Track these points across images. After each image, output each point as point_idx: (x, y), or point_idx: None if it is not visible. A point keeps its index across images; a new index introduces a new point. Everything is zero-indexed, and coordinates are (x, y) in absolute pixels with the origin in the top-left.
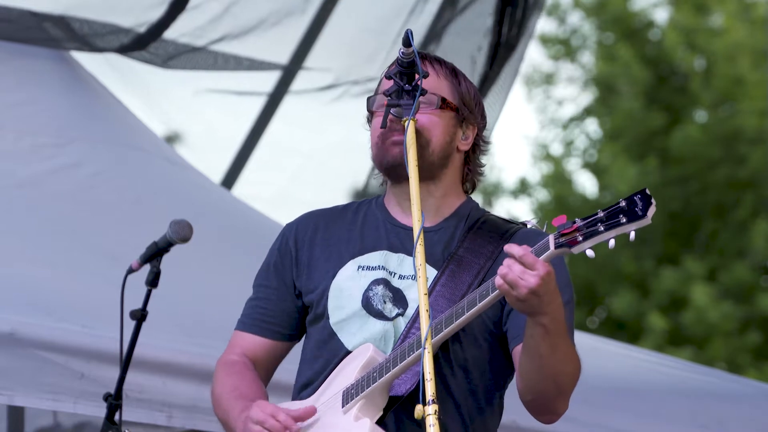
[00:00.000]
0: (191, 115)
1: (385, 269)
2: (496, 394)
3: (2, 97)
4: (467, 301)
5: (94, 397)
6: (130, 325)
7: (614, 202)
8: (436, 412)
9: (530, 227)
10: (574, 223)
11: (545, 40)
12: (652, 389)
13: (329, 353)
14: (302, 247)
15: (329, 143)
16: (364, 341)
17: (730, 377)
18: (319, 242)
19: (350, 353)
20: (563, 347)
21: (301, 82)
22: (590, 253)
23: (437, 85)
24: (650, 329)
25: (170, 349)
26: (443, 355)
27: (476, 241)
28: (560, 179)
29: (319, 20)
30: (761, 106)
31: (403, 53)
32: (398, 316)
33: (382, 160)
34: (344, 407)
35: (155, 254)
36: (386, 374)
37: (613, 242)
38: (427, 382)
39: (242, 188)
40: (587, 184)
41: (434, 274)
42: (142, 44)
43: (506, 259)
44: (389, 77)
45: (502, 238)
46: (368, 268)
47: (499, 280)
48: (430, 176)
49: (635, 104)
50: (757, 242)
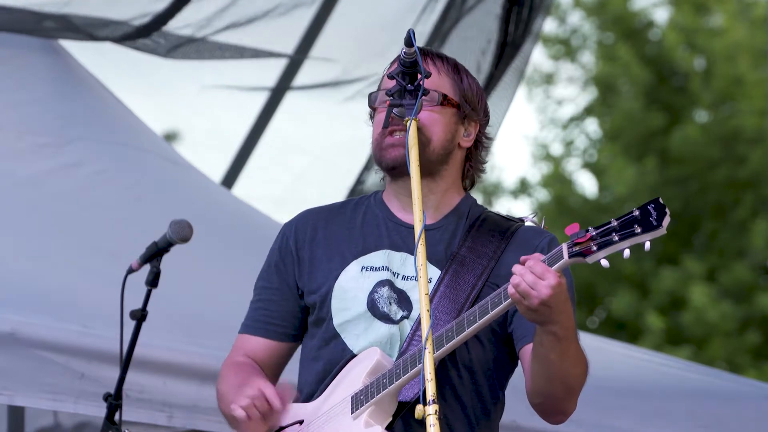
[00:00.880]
0: (193, 111)
1: (388, 270)
2: (499, 393)
3: (2, 97)
4: (479, 309)
5: (94, 397)
6: (130, 325)
7: (627, 211)
8: (436, 412)
9: (528, 224)
10: (587, 232)
11: (545, 39)
12: (652, 389)
13: (331, 354)
14: (303, 246)
15: (335, 142)
16: (369, 344)
17: (729, 377)
18: (319, 241)
19: (356, 356)
20: (573, 351)
21: (307, 75)
22: (605, 263)
23: (439, 82)
24: (649, 329)
25: (170, 349)
26: (449, 357)
27: (478, 240)
28: (560, 179)
29: (325, 10)
30: (761, 106)
31: (405, 53)
32: (403, 318)
33: (382, 159)
34: (354, 413)
35: (155, 254)
36: (396, 381)
37: (628, 252)
38: (427, 382)
39: (244, 187)
40: (587, 184)
41: (437, 274)
42: (145, 33)
43: (518, 266)
44: (391, 77)
45: (503, 237)
46: (372, 268)
47: (511, 289)
48: (430, 173)
49: (635, 104)
50: (756, 242)
